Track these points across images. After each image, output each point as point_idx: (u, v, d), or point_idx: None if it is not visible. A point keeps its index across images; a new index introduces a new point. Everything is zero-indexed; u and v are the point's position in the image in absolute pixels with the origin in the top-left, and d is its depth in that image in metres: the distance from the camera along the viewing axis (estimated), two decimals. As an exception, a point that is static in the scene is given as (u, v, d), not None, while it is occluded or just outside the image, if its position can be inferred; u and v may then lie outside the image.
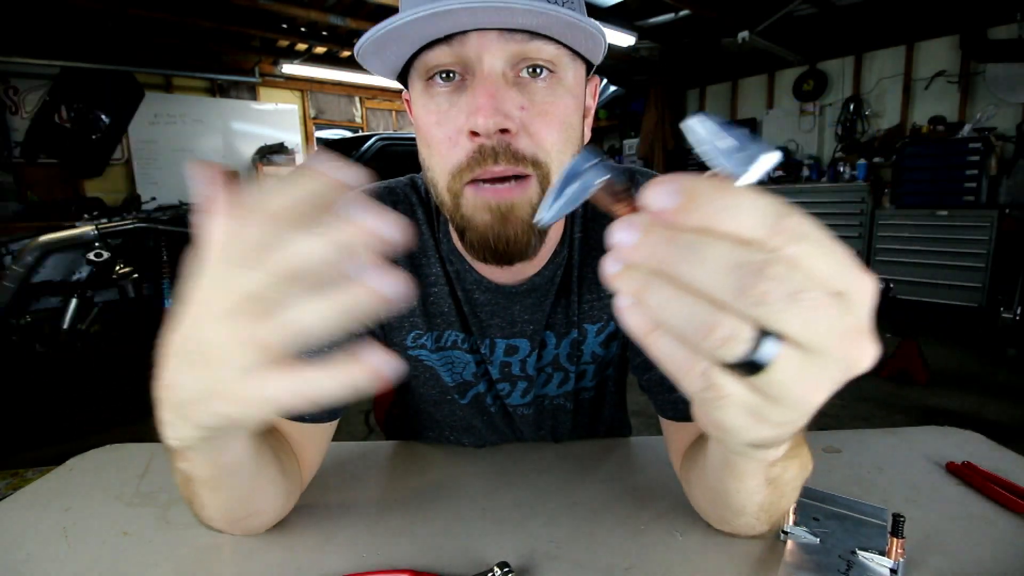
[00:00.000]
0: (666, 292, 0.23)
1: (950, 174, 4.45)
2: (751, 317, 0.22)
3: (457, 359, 0.71)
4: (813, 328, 0.22)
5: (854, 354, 0.24)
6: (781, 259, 0.22)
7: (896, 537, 0.46)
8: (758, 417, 0.26)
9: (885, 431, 0.77)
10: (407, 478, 0.67)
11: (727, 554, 0.50)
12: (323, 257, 0.25)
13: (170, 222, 3.22)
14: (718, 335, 0.22)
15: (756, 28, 4.76)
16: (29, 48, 5.14)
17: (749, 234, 0.22)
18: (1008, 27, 4.42)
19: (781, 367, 0.23)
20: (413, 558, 0.51)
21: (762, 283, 0.21)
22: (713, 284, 0.22)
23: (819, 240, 0.23)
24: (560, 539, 0.53)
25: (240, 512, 0.51)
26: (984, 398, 2.94)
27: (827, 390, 0.25)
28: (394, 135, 4.14)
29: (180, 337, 0.31)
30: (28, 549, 0.53)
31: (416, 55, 0.53)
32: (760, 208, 0.22)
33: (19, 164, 5.39)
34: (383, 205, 0.24)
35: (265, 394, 0.29)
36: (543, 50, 0.51)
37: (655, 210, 0.23)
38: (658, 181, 0.23)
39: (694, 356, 0.24)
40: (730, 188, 0.23)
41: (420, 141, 0.57)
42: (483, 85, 0.50)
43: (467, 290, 0.68)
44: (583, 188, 0.27)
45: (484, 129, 0.49)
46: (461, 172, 0.53)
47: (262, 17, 5.08)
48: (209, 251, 0.28)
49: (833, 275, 0.23)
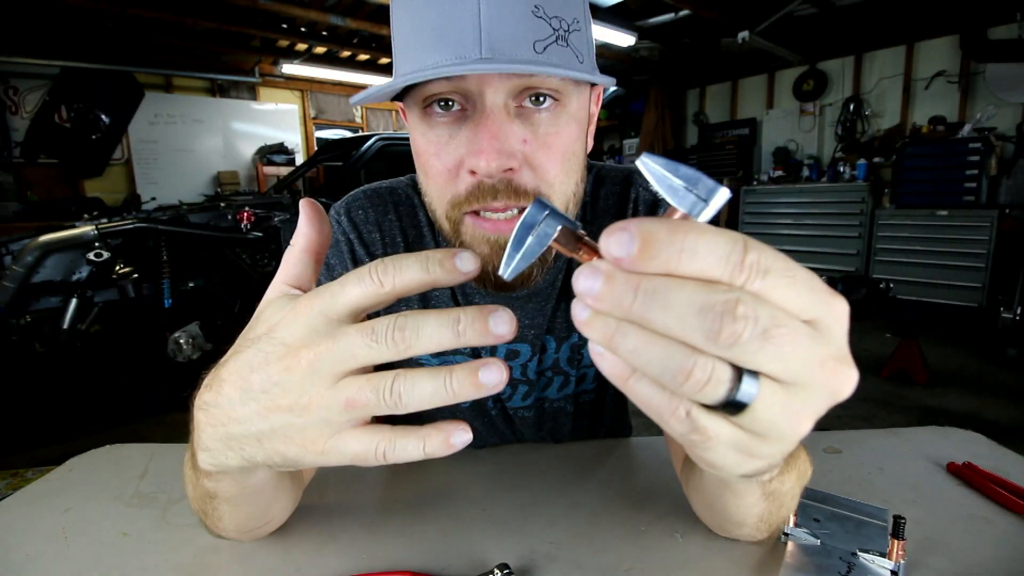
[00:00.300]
0: (637, 339, 0.22)
1: (950, 174, 4.44)
2: (726, 358, 0.22)
3: (456, 362, 0.70)
4: (790, 363, 0.22)
5: (834, 383, 0.24)
6: (747, 297, 0.21)
7: (897, 539, 0.45)
8: (747, 453, 0.26)
9: (885, 431, 0.76)
10: (407, 479, 0.67)
11: (727, 556, 0.50)
12: (447, 347, 0.28)
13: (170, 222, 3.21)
14: (695, 379, 0.22)
15: (756, 28, 4.76)
16: (29, 48, 5.14)
17: (712, 274, 0.22)
18: (1008, 27, 4.42)
19: (763, 404, 0.23)
20: (413, 559, 0.50)
21: (732, 324, 0.21)
22: (682, 329, 0.22)
23: (783, 270, 0.22)
24: (560, 540, 0.53)
25: (256, 523, 0.51)
26: (984, 398, 2.94)
27: (812, 419, 0.25)
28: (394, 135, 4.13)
29: (258, 375, 0.31)
30: (28, 549, 0.53)
31: None
32: (720, 246, 0.22)
33: (19, 164, 5.39)
34: None
35: (342, 449, 0.30)
36: (547, 81, 0.50)
37: (614, 258, 0.22)
38: (614, 228, 0.22)
39: (674, 400, 0.23)
40: (687, 228, 0.22)
41: (418, 166, 0.57)
42: (484, 124, 0.48)
43: (467, 295, 0.68)
44: (540, 240, 0.27)
45: (486, 172, 0.48)
46: (460, 204, 0.52)
47: (262, 17, 5.08)
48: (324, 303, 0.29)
49: (802, 305, 0.23)
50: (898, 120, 5.19)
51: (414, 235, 0.69)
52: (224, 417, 0.33)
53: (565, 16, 0.49)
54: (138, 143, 6.14)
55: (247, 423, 0.32)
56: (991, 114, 4.42)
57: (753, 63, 6.00)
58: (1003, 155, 4.43)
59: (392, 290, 0.28)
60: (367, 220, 0.68)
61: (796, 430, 0.25)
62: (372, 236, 0.68)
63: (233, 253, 3.44)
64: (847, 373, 0.24)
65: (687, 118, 7.09)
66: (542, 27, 0.47)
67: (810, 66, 5.76)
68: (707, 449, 0.25)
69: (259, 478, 0.42)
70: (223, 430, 0.33)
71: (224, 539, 0.52)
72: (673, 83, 6.79)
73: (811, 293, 0.23)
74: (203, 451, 0.35)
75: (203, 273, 3.40)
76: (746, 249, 0.22)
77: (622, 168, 0.74)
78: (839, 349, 0.24)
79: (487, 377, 0.27)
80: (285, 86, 7.07)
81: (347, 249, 0.67)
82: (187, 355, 3.12)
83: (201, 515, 0.48)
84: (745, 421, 0.24)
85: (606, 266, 0.23)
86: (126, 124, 5.89)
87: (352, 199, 0.71)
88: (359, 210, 0.69)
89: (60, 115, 5.48)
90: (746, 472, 0.27)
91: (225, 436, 0.33)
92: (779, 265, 0.22)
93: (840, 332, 0.24)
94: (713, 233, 0.22)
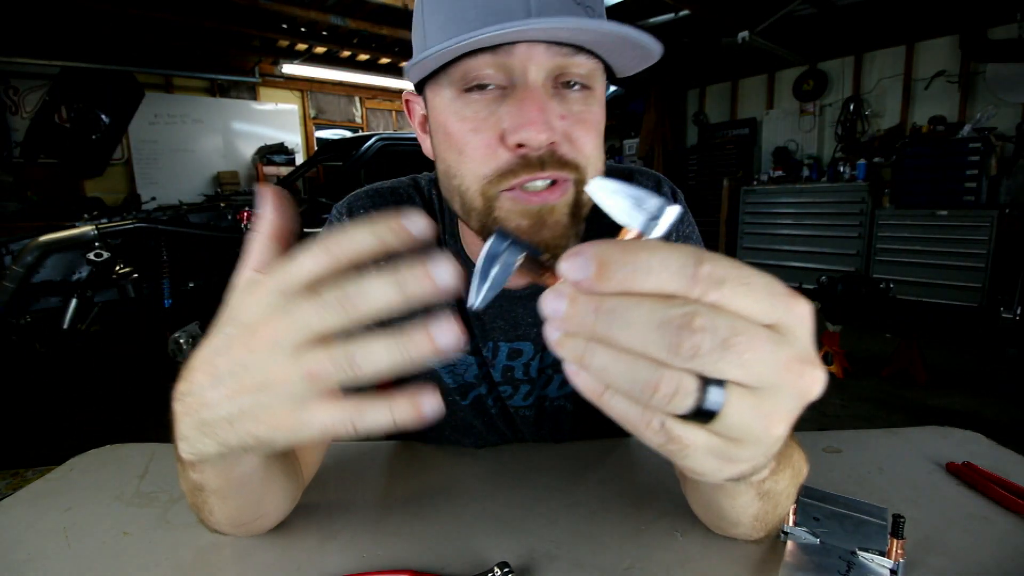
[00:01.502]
0: (604, 356, 0.23)
1: (950, 174, 4.45)
2: (690, 370, 0.22)
3: (459, 361, 0.71)
4: (753, 368, 0.23)
5: (801, 384, 0.24)
6: (704, 308, 0.22)
7: (896, 538, 0.45)
8: (725, 458, 0.26)
9: (885, 431, 0.76)
10: (407, 478, 0.67)
11: (727, 554, 0.50)
12: (394, 304, 0.27)
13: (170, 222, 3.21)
14: (662, 392, 0.23)
15: (756, 28, 4.76)
16: (29, 48, 5.14)
17: (669, 289, 0.22)
18: (1008, 27, 4.42)
19: (733, 411, 0.23)
20: (413, 558, 0.51)
21: (690, 337, 0.22)
22: (644, 345, 0.22)
23: (739, 278, 0.23)
24: (560, 539, 0.53)
25: (248, 517, 0.51)
26: (984, 398, 2.94)
27: (786, 421, 0.25)
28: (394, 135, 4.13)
29: (223, 358, 0.31)
30: (28, 549, 0.53)
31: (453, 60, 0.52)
32: (673, 261, 0.22)
33: (19, 164, 5.39)
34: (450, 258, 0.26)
35: (310, 422, 0.30)
36: (583, 65, 0.51)
37: (574, 281, 0.23)
38: (571, 252, 0.23)
39: (647, 413, 0.24)
40: (640, 247, 0.23)
41: (448, 147, 0.55)
42: (531, 98, 0.49)
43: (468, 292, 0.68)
44: (505, 269, 0.28)
45: (536, 143, 0.49)
46: (500, 178, 0.52)
47: (262, 17, 5.08)
48: (277, 279, 0.29)
49: (761, 311, 0.23)
50: (898, 120, 5.19)
51: None
52: (196, 404, 0.33)
53: (595, 6, 0.52)
54: (138, 143, 6.15)
55: (217, 407, 0.32)
56: (991, 114, 4.42)
57: (753, 63, 6.00)
58: (1003, 155, 4.43)
59: (342, 256, 0.29)
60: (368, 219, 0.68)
61: (770, 433, 0.25)
62: None
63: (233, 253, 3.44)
64: (813, 373, 0.24)
65: (687, 118, 7.09)
66: (579, 12, 0.50)
67: (810, 66, 5.76)
68: (685, 457, 0.25)
69: (244, 469, 0.42)
70: (196, 417, 0.34)
71: (222, 534, 0.52)
72: (673, 83, 6.79)
73: (770, 298, 0.23)
74: (182, 440, 0.36)
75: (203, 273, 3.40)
76: (699, 262, 0.22)
77: (623, 168, 0.74)
78: (803, 350, 0.24)
79: (441, 336, 0.27)
80: (285, 86, 7.08)
81: None
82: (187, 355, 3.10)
83: (195, 510, 0.48)
84: (718, 428, 0.24)
85: (569, 289, 0.23)
86: (126, 124, 5.89)
87: (354, 198, 0.71)
88: (361, 209, 0.69)
89: (60, 115, 5.48)
90: (729, 476, 0.27)
91: (199, 423, 0.34)
92: (734, 274, 0.23)
93: (803, 333, 0.24)
94: (666, 249, 0.23)
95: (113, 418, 2.78)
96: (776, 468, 0.38)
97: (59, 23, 4.90)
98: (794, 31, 5.09)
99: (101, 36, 5.25)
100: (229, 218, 3.47)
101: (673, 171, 6.69)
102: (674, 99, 6.89)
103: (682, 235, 0.70)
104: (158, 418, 2.86)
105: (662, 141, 6.76)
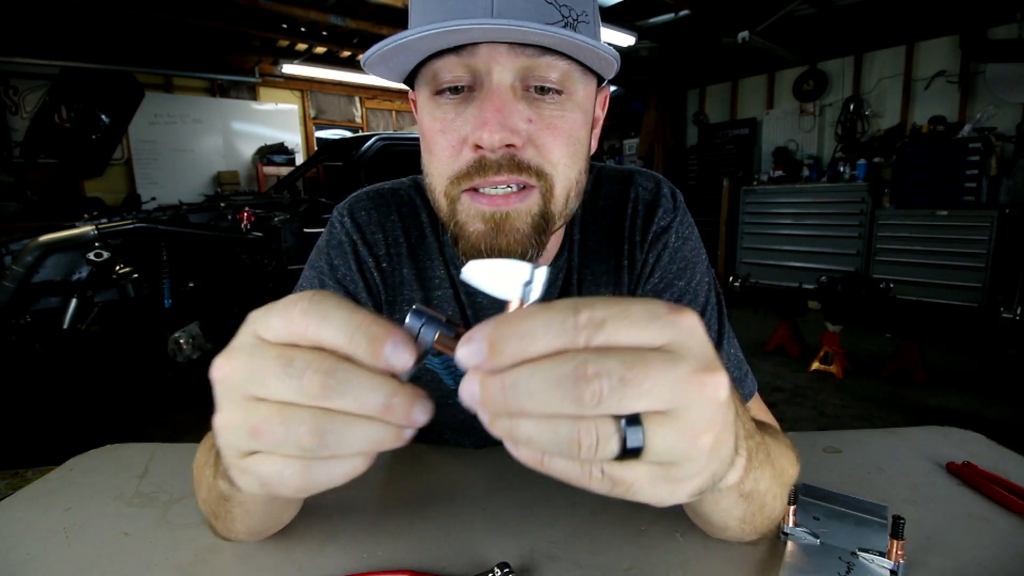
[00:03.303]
0: (527, 426, 0.24)
1: (950, 174, 4.45)
2: (603, 415, 0.23)
3: None
4: (657, 394, 0.23)
5: (707, 392, 0.25)
6: (592, 356, 0.23)
7: (896, 539, 0.45)
8: (672, 481, 0.26)
9: (885, 431, 0.76)
10: (407, 478, 0.67)
11: (727, 555, 0.50)
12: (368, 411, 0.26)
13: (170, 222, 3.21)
14: (586, 444, 0.23)
15: (756, 28, 4.76)
16: (29, 48, 5.14)
17: (556, 345, 0.23)
18: (1008, 27, 4.42)
19: (656, 440, 0.24)
20: (413, 558, 0.50)
21: (588, 385, 0.22)
22: (552, 405, 0.23)
23: (618, 314, 0.24)
24: (560, 540, 0.53)
25: (268, 527, 0.51)
26: (984, 398, 2.95)
27: (708, 431, 0.26)
28: (394, 135, 4.13)
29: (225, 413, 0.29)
30: (28, 549, 0.53)
31: (424, 62, 0.52)
32: (551, 320, 0.23)
33: (19, 164, 5.39)
34: None
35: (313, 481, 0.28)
36: (554, 67, 0.50)
37: (473, 367, 0.24)
38: (463, 340, 0.25)
39: (585, 467, 0.25)
40: (519, 316, 0.24)
41: (423, 146, 0.57)
42: (490, 99, 0.49)
43: (470, 293, 0.68)
44: (423, 346, 0.29)
45: (489, 144, 0.48)
46: (460, 179, 0.52)
47: (262, 17, 5.08)
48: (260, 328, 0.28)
49: (648, 337, 0.24)
50: (898, 120, 5.19)
51: (416, 236, 0.69)
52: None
53: (575, 7, 0.50)
54: (138, 143, 6.14)
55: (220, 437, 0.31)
56: (991, 114, 4.42)
57: (753, 63, 6.00)
58: (1003, 155, 4.43)
59: (310, 339, 0.27)
60: (370, 221, 0.68)
61: (697, 446, 0.25)
62: (375, 237, 0.68)
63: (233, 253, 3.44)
64: (714, 378, 0.25)
65: (687, 118, 7.09)
66: (551, 12, 0.48)
67: (810, 66, 5.76)
68: (635, 494, 0.26)
69: None
70: None
71: (229, 541, 0.52)
72: (673, 83, 6.79)
73: (651, 322, 0.24)
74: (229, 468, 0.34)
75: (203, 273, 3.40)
76: (576, 312, 0.23)
77: (623, 169, 0.74)
78: (700, 359, 0.25)
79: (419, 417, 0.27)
80: (285, 86, 7.08)
81: (351, 250, 0.67)
82: (187, 355, 3.12)
83: (211, 517, 0.48)
84: (652, 458, 0.25)
85: (477, 374, 0.25)
86: (126, 124, 5.88)
87: (355, 200, 0.70)
88: (362, 211, 0.69)
89: (60, 115, 5.48)
90: (688, 494, 0.28)
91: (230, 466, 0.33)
92: (612, 311, 0.24)
93: (695, 343, 0.25)
94: (542, 311, 0.24)
95: (113, 418, 2.78)
96: (749, 467, 0.37)
97: (59, 23, 4.90)
98: (794, 31, 5.09)
99: (101, 36, 5.25)
100: (229, 218, 3.46)
101: (673, 171, 6.69)
102: (674, 99, 6.88)
103: (681, 236, 0.69)
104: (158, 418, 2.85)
105: (662, 141, 6.76)
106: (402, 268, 0.68)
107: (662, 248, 0.68)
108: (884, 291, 3.25)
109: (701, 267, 0.69)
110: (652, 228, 0.68)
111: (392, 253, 0.68)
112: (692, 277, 0.68)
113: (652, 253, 0.68)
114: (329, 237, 0.68)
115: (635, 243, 0.69)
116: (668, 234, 0.68)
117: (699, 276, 0.69)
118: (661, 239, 0.68)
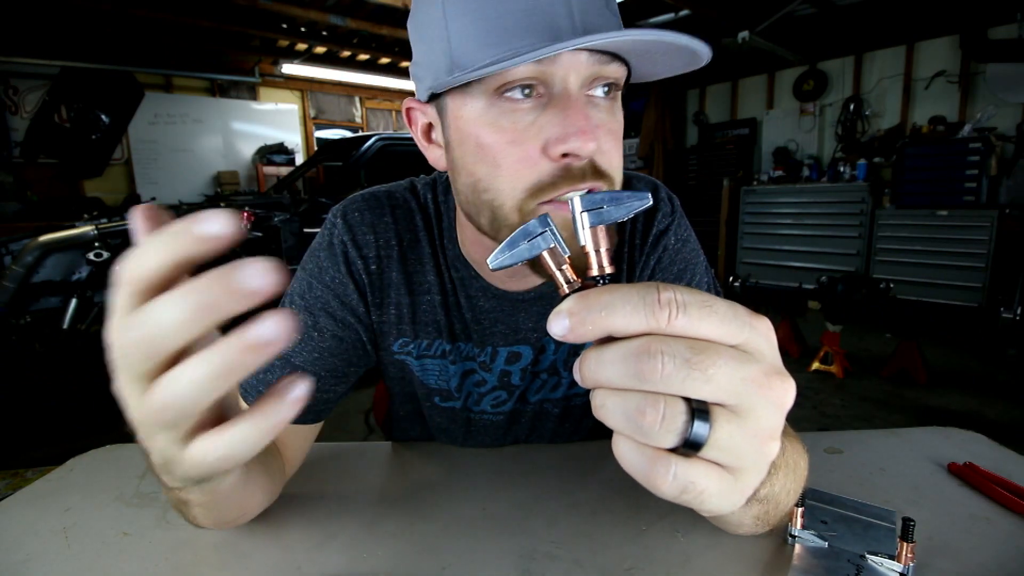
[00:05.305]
0: (602, 394, 0.26)
1: (950, 174, 4.44)
2: (671, 396, 0.24)
3: (440, 367, 0.70)
4: (722, 384, 0.24)
5: (774, 395, 0.25)
6: (660, 336, 0.24)
7: (906, 541, 0.45)
8: (736, 491, 0.27)
9: (887, 432, 0.76)
10: (407, 478, 0.67)
11: (731, 556, 0.50)
12: (184, 321, 0.23)
13: (170, 222, 3.21)
14: (649, 418, 0.24)
15: (756, 28, 4.76)
16: (29, 48, 5.14)
17: (636, 319, 0.24)
18: (1008, 27, 4.42)
19: (722, 435, 0.25)
20: (413, 558, 0.50)
21: (648, 361, 0.24)
22: (620, 378, 0.25)
23: (701, 303, 0.24)
24: (560, 539, 0.53)
25: (231, 518, 0.53)
26: (984, 398, 2.94)
27: (774, 437, 0.26)
28: (394, 135, 4.12)
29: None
30: (28, 549, 0.53)
31: None
32: (633, 294, 0.25)
33: (19, 164, 5.39)
34: None
35: (207, 459, 0.27)
36: (615, 73, 0.50)
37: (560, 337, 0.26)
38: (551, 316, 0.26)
39: (659, 463, 0.25)
40: (601, 290, 0.25)
41: (479, 159, 0.51)
42: (576, 106, 0.47)
43: (471, 296, 0.67)
44: (531, 249, 0.29)
45: (585, 152, 0.47)
46: (542, 190, 0.49)
47: (262, 17, 5.08)
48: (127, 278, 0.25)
49: (725, 332, 0.25)
50: (898, 120, 5.18)
51: (409, 239, 0.68)
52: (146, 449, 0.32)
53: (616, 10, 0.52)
54: (138, 143, 6.14)
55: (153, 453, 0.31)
56: (991, 114, 4.42)
57: (753, 63, 6.00)
58: (1003, 155, 4.42)
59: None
60: (362, 221, 0.68)
61: (763, 451, 0.26)
62: (366, 238, 0.67)
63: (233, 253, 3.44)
64: (783, 383, 0.26)
65: (687, 118, 7.08)
66: (613, 16, 0.50)
67: (810, 66, 5.75)
68: (703, 502, 0.26)
69: (225, 484, 0.42)
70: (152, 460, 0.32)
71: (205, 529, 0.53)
72: (673, 83, 6.79)
73: (732, 320, 0.25)
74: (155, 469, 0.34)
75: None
76: (660, 290, 0.24)
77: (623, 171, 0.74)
78: (771, 364, 0.26)
79: (264, 331, 0.23)
80: (285, 86, 7.07)
81: (340, 252, 0.66)
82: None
83: (178, 511, 0.49)
84: (715, 454, 0.25)
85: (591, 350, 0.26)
86: (126, 124, 5.88)
87: (349, 202, 0.70)
88: (355, 212, 0.68)
89: (60, 115, 5.48)
90: (743, 502, 0.28)
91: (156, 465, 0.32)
92: (696, 299, 0.24)
93: (767, 349, 0.26)
94: (625, 287, 0.25)
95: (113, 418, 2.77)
96: (774, 471, 0.38)
97: (59, 23, 4.90)
98: (794, 31, 5.09)
99: (101, 36, 5.25)
100: (229, 218, 3.46)
101: (673, 171, 6.69)
102: (674, 99, 6.88)
103: (680, 238, 0.69)
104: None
105: (662, 141, 6.75)
106: (391, 271, 0.67)
107: (662, 251, 0.69)
108: (884, 291, 3.25)
109: (700, 268, 0.70)
110: (652, 231, 0.69)
111: (383, 255, 0.67)
112: (692, 278, 0.69)
113: (652, 256, 0.69)
114: (321, 239, 0.68)
115: (635, 246, 0.69)
116: (667, 236, 0.69)
117: (699, 277, 0.70)
118: (660, 241, 0.69)
